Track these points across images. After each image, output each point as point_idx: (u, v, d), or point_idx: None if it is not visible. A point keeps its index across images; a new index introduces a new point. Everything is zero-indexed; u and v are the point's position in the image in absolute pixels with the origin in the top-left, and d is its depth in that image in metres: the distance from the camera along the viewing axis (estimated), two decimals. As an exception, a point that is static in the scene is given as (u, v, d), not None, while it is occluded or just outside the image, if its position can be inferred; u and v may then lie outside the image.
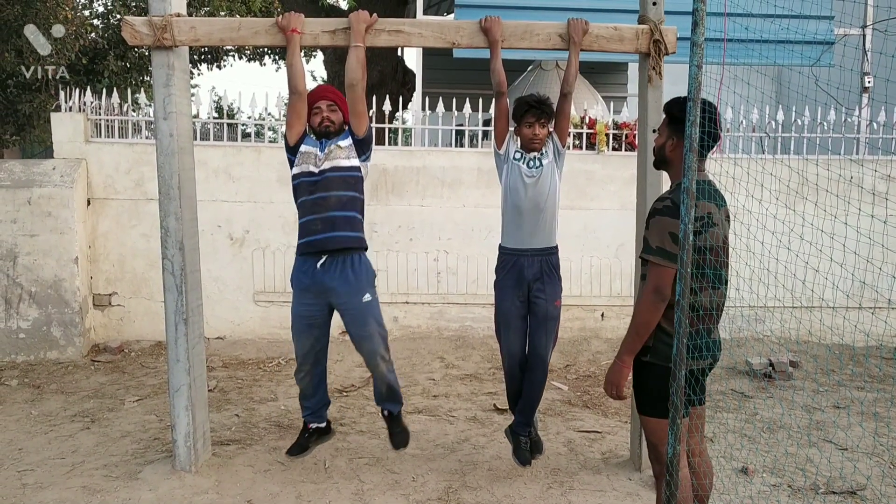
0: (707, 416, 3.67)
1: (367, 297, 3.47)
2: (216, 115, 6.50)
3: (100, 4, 13.48)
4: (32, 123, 11.24)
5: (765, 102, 6.67)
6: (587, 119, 6.62)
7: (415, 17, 7.84)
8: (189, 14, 3.75)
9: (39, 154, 12.76)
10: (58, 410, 4.75)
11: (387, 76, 9.29)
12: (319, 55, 14.71)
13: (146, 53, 11.27)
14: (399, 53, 10.27)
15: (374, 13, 3.53)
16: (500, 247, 3.71)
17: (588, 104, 7.04)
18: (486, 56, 3.59)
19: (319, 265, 3.41)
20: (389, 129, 6.73)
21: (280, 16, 3.53)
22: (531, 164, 3.58)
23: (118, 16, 12.29)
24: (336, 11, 9.79)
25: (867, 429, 4.45)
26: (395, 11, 9.07)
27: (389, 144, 6.67)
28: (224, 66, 14.88)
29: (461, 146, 6.71)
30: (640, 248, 2.74)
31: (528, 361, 3.63)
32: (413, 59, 9.82)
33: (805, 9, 5.22)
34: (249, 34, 3.60)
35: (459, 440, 4.27)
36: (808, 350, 6.21)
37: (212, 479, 3.65)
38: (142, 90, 10.34)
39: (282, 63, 14.99)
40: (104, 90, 6.94)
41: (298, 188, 3.51)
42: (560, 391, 5.27)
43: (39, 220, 5.87)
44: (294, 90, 3.47)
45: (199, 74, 15.64)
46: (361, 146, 3.54)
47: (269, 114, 6.65)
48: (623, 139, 6.65)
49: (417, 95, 7.80)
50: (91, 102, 6.30)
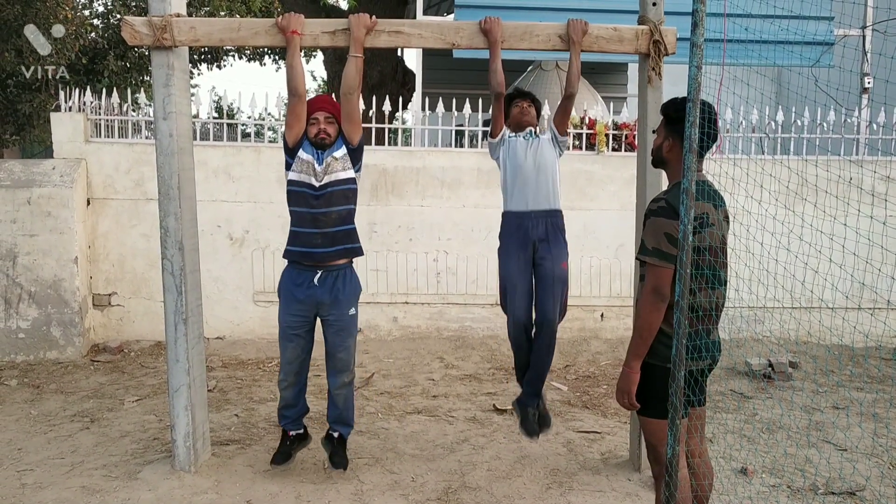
0: (706, 417, 3.67)
1: (353, 311, 3.62)
2: (216, 115, 6.50)
3: (100, 4, 13.49)
4: (32, 123, 11.25)
5: (764, 103, 6.67)
6: (587, 119, 6.63)
7: (415, 18, 7.84)
8: (189, 14, 3.75)
9: (39, 154, 12.76)
10: (57, 410, 4.75)
11: (387, 76, 9.29)
12: (319, 55, 14.72)
13: (146, 53, 11.27)
14: (399, 54, 10.27)
15: (374, 16, 3.53)
16: (504, 213, 3.70)
17: (588, 104, 7.04)
18: (486, 57, 3.59)
19: (316, 280, 3.51)
20: (389, 130, 6.73)
21: (280, 16, 3.53)
22: (527, 137, 3.67)
23: (118, 16, 12.30)
24: (336, 12, 9.80)
25: (866, 429, 4.46)
26: (395, 12, 9.08)
27: (389, 145, 6.67)
28: (224, 66, 14.90)
29: (461, 146, 6.71)
30: (637, 250, 2.74)
31: (536, 328, 3.60)
32: (413, 60, 9.82)
33: (805, 10, 5.21)
34: (249, 35, 3.60)
35: (459, 440, 4.27)
36: (808, 351, 6.21)
37: (211, 479, 3.65)
38: (142, 90, 10.35)
39: (282, 63, 14.99)
40: (104, 90, 6.94)
41: (296, 196, 3.52)
42: (559, 391, 5.27)
43: (39, 220, 5.87)
44: (294, 92, 3.47)
45: (199, 74, 15.66)
46: (355, 156, 3.58)
47: (269, 114, 6.65)
48: (623, 140, 6.65)
49: (417, 96, 7.81)
50: (91, 102, 6.30)
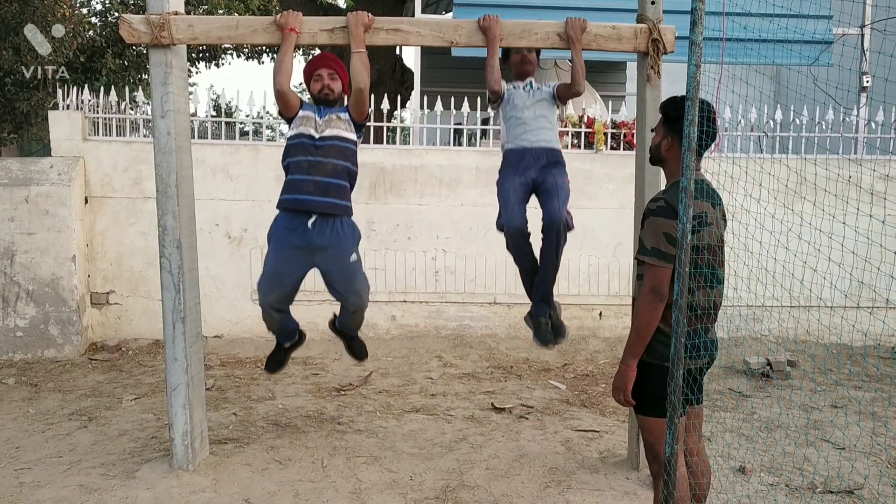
0: (705, 416, 3.67)
1: (354, 257, 3.58)
2: (214, 114, 6.49)
3: (97, 2, 13.45)
4: (30, 121, 11.22)
5: (763, 102, 6.67)
6: (585, 118, 6.62)
7: (413, 16, 7.83)
8: (187, 12, 3.74)
9: (37, 152, 12.72)
10: (55, 409, 4.75)
11: (385, 75, 9.27)
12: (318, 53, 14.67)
13: (144, 51, 11.25)
14: (397, 52, 10.26)
15: (372, 14, 3.53)
16: (505, 151, 3.68)
17: (586, 103, 7.03)
18: (485, 55, 3.59)
19: (310, 224, 3.47)
20: (387, 128, 6.72)
21: (278, 14, 3.53)
22: (527, 88, 3.66)
23: (116, 14, 12.28)
24: (334, 10, 9.77)
25: (865, 428, 4.46)
26: (394, 10, 9.05)
27: (387, 143, 6.66)
28: (222, 65, 14.85)
29: (459, 145, 6.71)
30: (636, 249, 2.74)
31: (545, 225, 3.54)
32: (411, 58, 9.81)
33: (804, 8, 5.22)
34: (247, 32, 3.59)
35: (457, 439, 4.27)
36: (806, 349, 6.22)
37: (209, 478, 3.64)
38: (139, 88, 10.34)
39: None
40: (102, 88, 6.93)
41: (294, 148, 3.54)
42: (558, 390, 5.27)
43: (37, 219, 5.86)
44: (278, 86, 3.50)
45: (197, 73, 15.64)
46: (358, 128, 3.66)
47: (268, 112, 6.66)
48: (621, 138, 6.65)
49: (416, 94, 7.80)
50: (89, 100, 6.29)
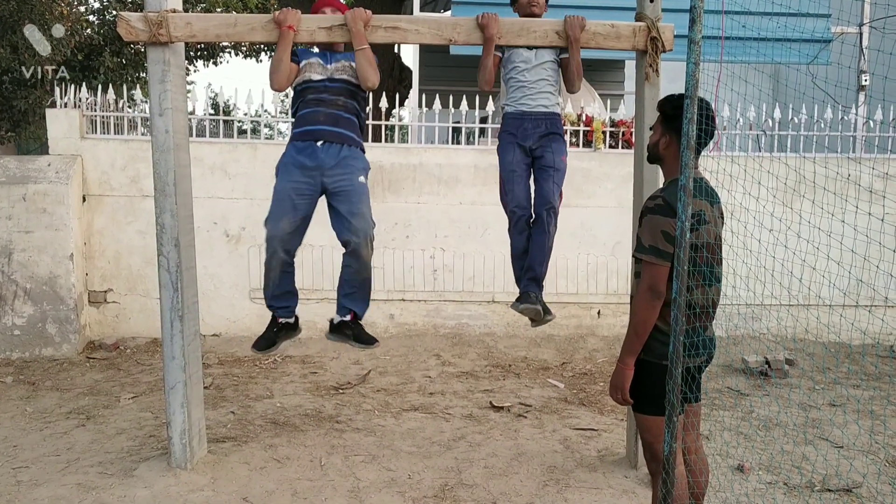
0: (703, 414, 3.67)
1: (362, 179, 3.54)
2: (212, 112, 6.49)
3: (95, 0, 13.42)
4: (28, 120, 11.20)
5: (762, 100, 6.66)
6: (584, 116, 6.62)
7: (412, 14, 7.82)
8: (185, 10, 3.74)
9: (34, 150, 12.69)
10: (53, 407, 4.74)
11: (383, 73, 9.23)
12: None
13: (142, 50, 11.23)
14: (396, 50, 10.25)
15: (371, 11, 3.52)
16: (504, 115, 3.70)
17: (585, 101, 7.03)
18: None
19: (320, 145, 3.47)
20: (386, 127, 6.71)
21: (277, 11, 3.53)
22: (529, 49, 3.64)
23: (114, 12, 12.25)
24: (333, 8, 9.75)
25: (863, 427, 4.46)
26: (392, 8, 9.04)
27: (386, 142, 6.65)
28: (220, 63, 14.84)
29: (458, 143, 6.70)
30: (634, 247, 2.74)
31: (536, 210, 3.60)
32: (410, 56, 9.80)
33: (802, 7, 5.21)
34: (246, 30, 3.58)
35: (455, 437, 4.27)
36: (805, 348, 6.22)
37: (207, 477, 3.64)
38: (137, 86, 10.32)
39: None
40: (100, 86, 6.91)
41: (303, 91, 3.55)
42: (556, 389, 5.27)
43: (34, 217, 5.85)
44: (276, 86, 3.52)
45: (195, 71, 15.60)
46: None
47: (266, 111, 6.64)
48: (620, 137, 6.64)
49: (414, 92, 7.77)
50: (86, 99, 6.28)
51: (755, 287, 5.04)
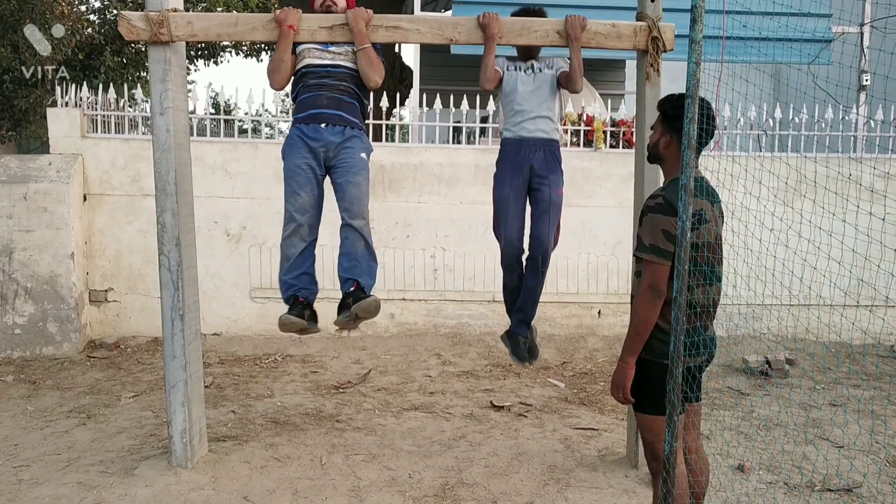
0: (703, 414, 3.67)
1: (363, 156, 3.56)
2: (213, 111, 6.49)
3: (96, 0, 13.42)
4: (28, 119, 11.20)
5: (763, 100, 6.66)
6: (585, 116, 6.62)
7: (412, 14, 7.82)
8: (186, 9, 3.74)
9: (35, 150, 12.69)
10: (53, 406, 4.74)
11: (384, 72, 9.26)
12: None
13: (143, 49, 11.23)
14: (396, 50, 10.24)
15: (372, 11, 3.52)
16: (502, 140, 3.69)
17: (585, 101, 7.03)
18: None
19: (324, 127, 3.49)
20: (386, 126, 6.71)
21: (278, 10, 3.53)
22: (528, 72, 3.64)
23: (114, 11, 12.25)
24: (334, 7, 9.75)
25: (863, 426, 4.46)
26: (393, 8, 9.03)
27: (387, 141, 6.65)
28: (221, 62, 14.83)
29: (458, 143, 6.70)
30: (635, 246, 2.75)
31: (530, 251, 3.58)
32: (411, 56, 9.79)
33: (803, 6, 5.21)
34: (246, 29, 3.58)
35: (456, 437, 4.27)
36: (805, 348, 6.22)
37: (208, 476, 3.64)
38: (138, 86, 10.32)
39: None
40: (100, 86, 6.91)
41: (304, 76, 3.56)
42: (556, 388, 5.27)
43: (35, 216, 5.85)
44: (276, 86, 3.53)
45: (196, 70, 15.62)
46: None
47: (266, 110, 6.65)
48: (620, 136, 6.64)
49: (415, 92, 7.78)
50: (87, 98, 6.28)
51: (756, 287, 5.04)
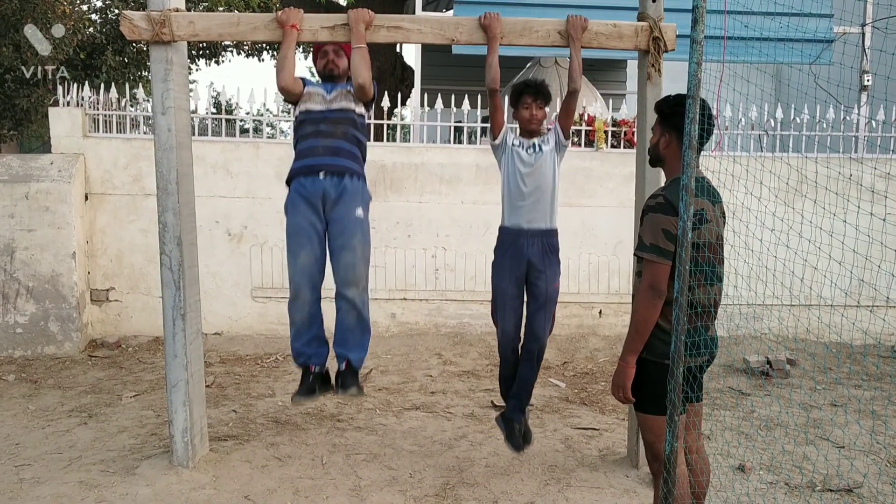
0: (704, 414, 3.67)
1: (360, 213, 3.47)
2: (214, 111, 6.49)
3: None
4: (30, 118, 11.20)
5: (764, 100, 6.66)
6: (586, 116, 6.62)
7: (414, 14, 7.82)
8: (188, 9, 3.74)
9: (37, 149, 12.71)
10: (55, 405, 4.75)
11: (385, 72, 9.27)
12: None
13: (144, 48, 11.23)
14: (398, 49, 10.25)
15: (373, 11, 3.53)
16: (500, 228, 3.71)
17: (587, 101, 7.03)
18: (486, 52, 3.58)
19: (322, 176, 3.42)
20: (388, 126, 6.72)
21: (280, 11, 3.53)
22: (530, 151, 3.59)
23: (116, 11, 12.25)
24: (335, 7, 9.77)
25: (864, 427, 4.46)
26: (395, 8, 9.05)
27: (388, 141, 6.66)
28: (222, 62, 14.82)
29: (460, 143, 6.70)
30: (635, 246, 2.75)
31: (525, 343, 3.62)
32: (412, 56, 9.80)
33: (805, 7, 5.21)
34: (248, 29, 3.59)
35: (457, 437, 4.27)
36: (806, 348, 6.22)
37: (209, 475, 3.65)
38: (140, 85, 10.32)
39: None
40: (102, 85, 6.92)
41: (302, 123, 3.54)
42: (557, 388, 5.27)
43: (37, 215, 5.86)
44: (282, 83, 3.49)
45: (198, 70, 15.61)
46: (366, 105, 3.66)
47: (268, 110, 6.66)
48: (622, 136, 6.64)
49: (416, 92, 7.78)
50: (89, 97, 6.28)
51: (757, 287, 5.05)
